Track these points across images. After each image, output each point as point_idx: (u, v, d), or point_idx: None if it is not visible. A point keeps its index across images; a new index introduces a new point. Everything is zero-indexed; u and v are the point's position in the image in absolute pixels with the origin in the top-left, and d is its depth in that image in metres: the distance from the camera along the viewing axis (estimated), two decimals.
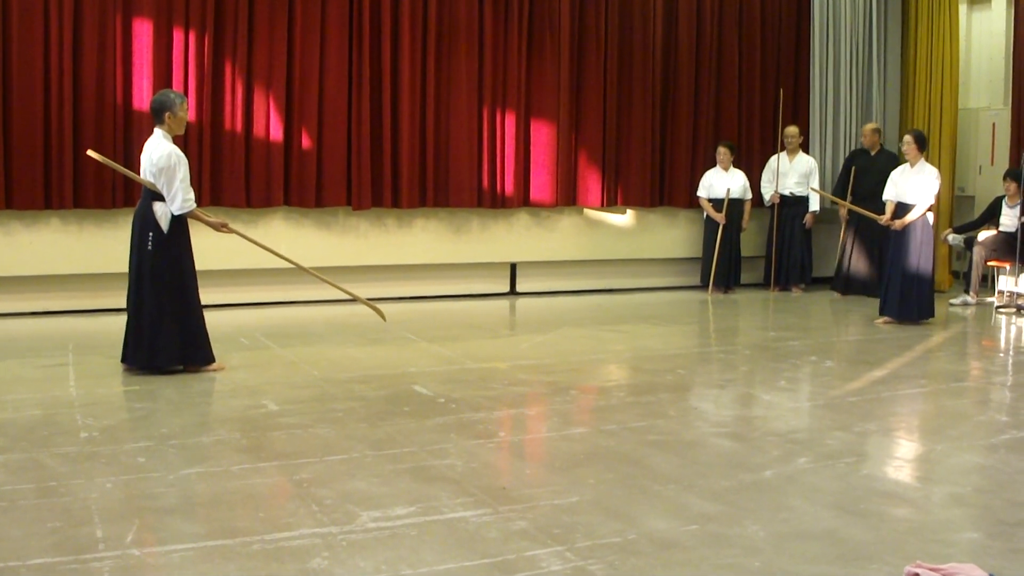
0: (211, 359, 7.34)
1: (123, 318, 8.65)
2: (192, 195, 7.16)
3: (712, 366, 8.23)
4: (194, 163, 9.82)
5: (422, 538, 4.15)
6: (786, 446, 5.64)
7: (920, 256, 9.86)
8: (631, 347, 8.81)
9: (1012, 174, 11.24)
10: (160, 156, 7.03)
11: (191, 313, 7.23)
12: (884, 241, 12.12)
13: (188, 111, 7.40)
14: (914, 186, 9.89)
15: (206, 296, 10.17)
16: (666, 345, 8.93)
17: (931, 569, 3.39)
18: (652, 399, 6.73)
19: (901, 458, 5.47)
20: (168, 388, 6.81)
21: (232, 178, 10.07)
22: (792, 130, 12.37)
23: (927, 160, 10.14)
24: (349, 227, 10.79)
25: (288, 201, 10.38)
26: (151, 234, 7.07)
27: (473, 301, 11.32)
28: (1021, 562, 3.97)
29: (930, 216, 9.93)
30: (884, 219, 10.13)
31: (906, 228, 9.84)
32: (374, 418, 6.10)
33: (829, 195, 12.06)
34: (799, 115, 12.83)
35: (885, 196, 10.20)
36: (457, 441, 5.60)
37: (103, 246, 9.75)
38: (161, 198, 7.10)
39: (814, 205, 12.22)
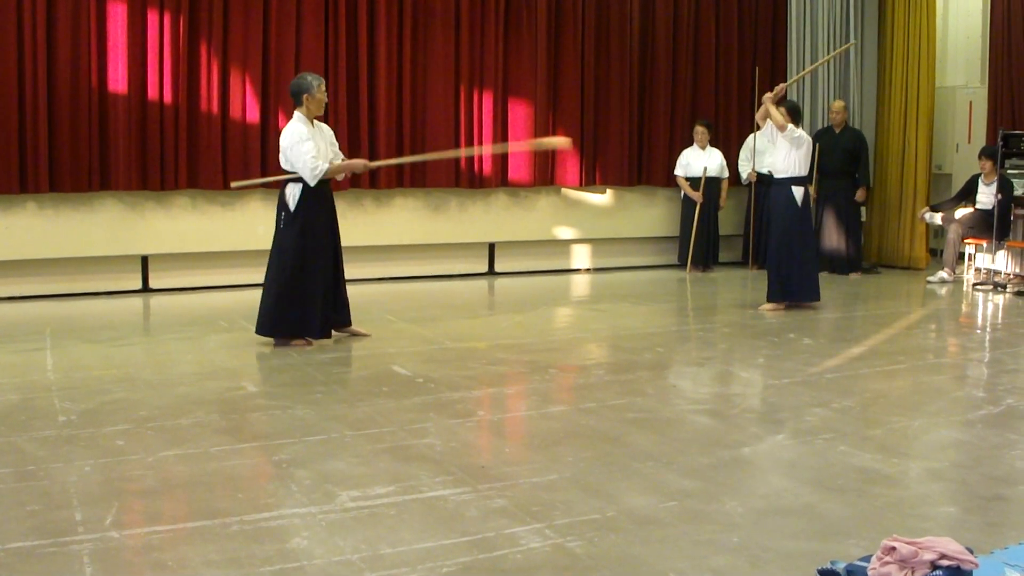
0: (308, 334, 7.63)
1: (96, 302, 8.65)
2: (318, 162, 7.37)
3: (691, 344, 8.25)
4: (170, 146, 9.80)
5: (401, 517, 4.16)
6: (764, 423, 5.67)
7: None
8: (610, 326, 8.83)
9: (988, 152, 11.28)
10: (284, 136, 7.43)
11: (305, 289, 7.50)
12: (852, 218, 12.23)
13: (326, 92, 7.66)
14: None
15: (184, 278, 10.23)
16: (645, 323, 8.94)
17: (908, 543, 3.40)
18: (631, 377, 6.74)
19: (879, 434, 5.50)
20: (146, 371, 6.79)
21: (209, 160, 10.01)
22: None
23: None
24: None
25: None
26: (282, 214, 7.51)
27: (451, 281, 11.31)
28: (997, 535, 4.00)
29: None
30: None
31: None
32: (353, 399, 6.09)
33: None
34: None
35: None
36: (436, 420, 5.61)
37: (80, 230, 9.71)
38: (299, 180, 7.44)
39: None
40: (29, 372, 6.72)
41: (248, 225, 10.37)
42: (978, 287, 10.98)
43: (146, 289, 10.15)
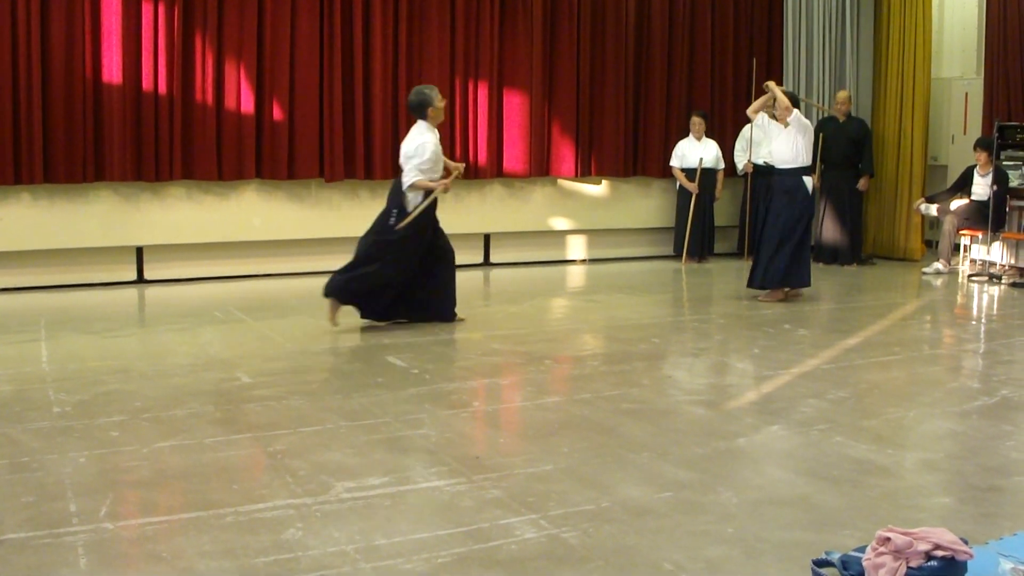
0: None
1: (91, 293, 8.64)
2: (414, 175, 7.76)
3: (686, 335, 8.25)
4: (165, 136, 9.77)
5: (396, 508, 4.16)
6: (759, 414, 5.67)
7: None
8: (605, 316, 8.83)
9: (983, 143, 11.27)
10: (413, 146, 7.83)
11: (382, 280, 7.90)
12: (854, 208, 12.23)
13: (443, 99, 8.09)
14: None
15: (178, 269, 10.21)
16: (640, 314, 8.94)
17: (903, 533, 3.41)
18: (626, 368, 6.74)
19: (874, 425, 5.50)
20: (141, 362, 6.78)
21: (204, 151, 9.98)
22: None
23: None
24: (322, 199, 10.74)
25: (260, 174, 10.31)
26: (395, 211, 7.83)
27: None
28: (992, 526, 4.01)
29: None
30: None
31: None
32: (348, 389, 6.09)
33: None
34: None
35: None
36: (431, 411, 5.60)
37: (74, 221, 9.69)
38: None
39: None
40: (24, 363, 6.71)
41: (243, 216, 10.36)
42: (973, 278, 10.99)
43: (141, 280, 10.13)
